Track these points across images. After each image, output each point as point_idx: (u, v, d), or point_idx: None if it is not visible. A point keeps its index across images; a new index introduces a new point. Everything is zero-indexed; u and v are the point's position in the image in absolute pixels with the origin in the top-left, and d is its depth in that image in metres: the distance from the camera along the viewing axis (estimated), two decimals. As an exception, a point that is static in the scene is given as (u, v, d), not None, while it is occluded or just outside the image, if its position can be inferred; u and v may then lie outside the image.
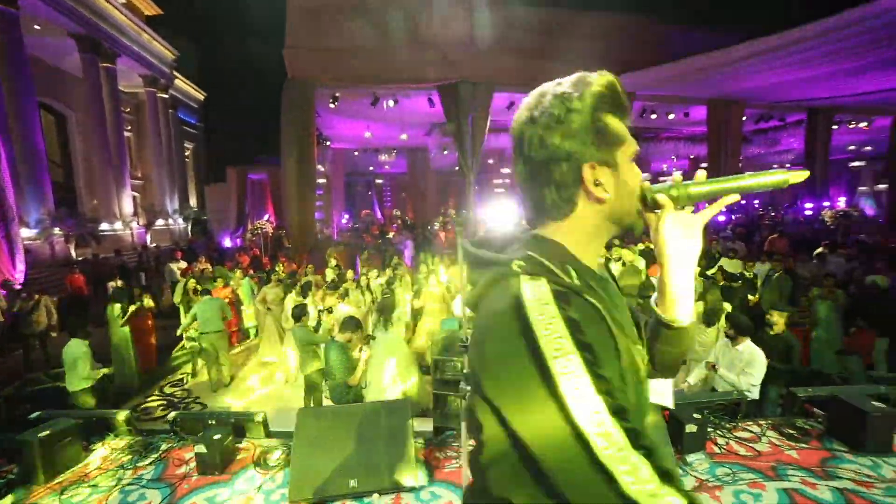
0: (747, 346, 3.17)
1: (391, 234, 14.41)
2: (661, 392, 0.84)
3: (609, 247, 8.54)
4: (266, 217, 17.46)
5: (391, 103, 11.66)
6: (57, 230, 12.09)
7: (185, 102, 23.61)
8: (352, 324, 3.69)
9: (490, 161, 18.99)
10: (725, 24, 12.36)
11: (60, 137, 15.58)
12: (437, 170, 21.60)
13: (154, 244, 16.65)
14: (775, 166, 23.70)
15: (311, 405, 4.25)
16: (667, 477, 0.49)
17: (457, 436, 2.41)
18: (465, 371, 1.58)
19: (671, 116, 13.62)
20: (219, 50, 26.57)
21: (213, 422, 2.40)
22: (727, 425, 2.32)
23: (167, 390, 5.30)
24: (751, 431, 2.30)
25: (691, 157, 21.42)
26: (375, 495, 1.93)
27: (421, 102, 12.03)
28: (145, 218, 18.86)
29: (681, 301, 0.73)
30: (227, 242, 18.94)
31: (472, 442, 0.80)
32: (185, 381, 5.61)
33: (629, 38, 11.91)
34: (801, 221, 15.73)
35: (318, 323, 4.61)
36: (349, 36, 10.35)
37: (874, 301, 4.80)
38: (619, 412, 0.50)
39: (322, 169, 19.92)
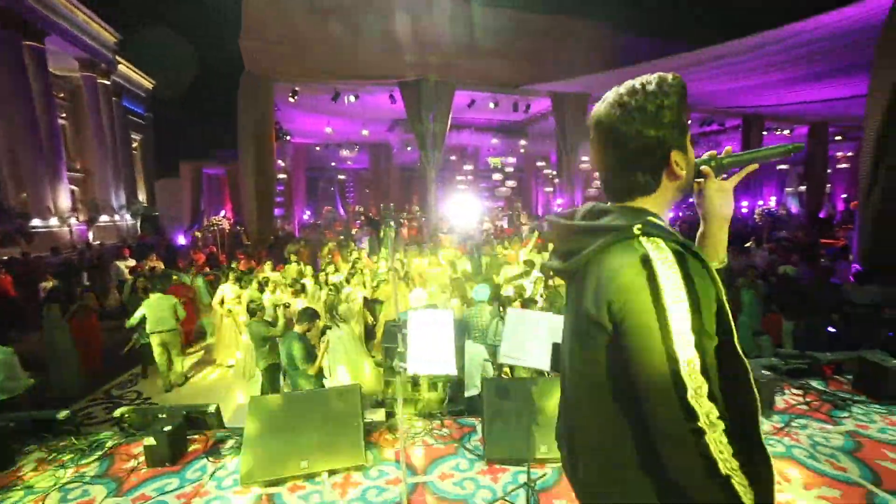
0: None
1: (354, 231, 14.32)
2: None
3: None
4: (222, 213, 16.78)
5: (352, 99, 11.58)
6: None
7: (131, 91, 22.18)
8: (308, 314, 3.83)
9: (452, 158, 19.20)
10: (675, 34, 13.22)
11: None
12: (401, 166, 21.59)
13: (98, 241, 15.61)
14: (718, 167, 25.47)
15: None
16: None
17: (401, 419, 2.57)
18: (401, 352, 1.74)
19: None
20: (170, 36, 25.06)
21: (164, 415, 2.43)
22: None
23: (114, 392, 5.10)
24: None
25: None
26: (325, 474, 2.05)
27: (382, 99, 12.02)
28: (87, 214, 17.63)
29: (721, 247, 0.97)
30: (182, 240, 18.05)
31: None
32: (135, 382, 5.42)
33: (586, 42, 12.46)
34: (738, 219, 17.09)
35: (275, 319, 4.62)
36: (309, 29, 10.20)
37: (784, 289, 5.42)
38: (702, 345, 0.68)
39: (282, 164, 19.39)
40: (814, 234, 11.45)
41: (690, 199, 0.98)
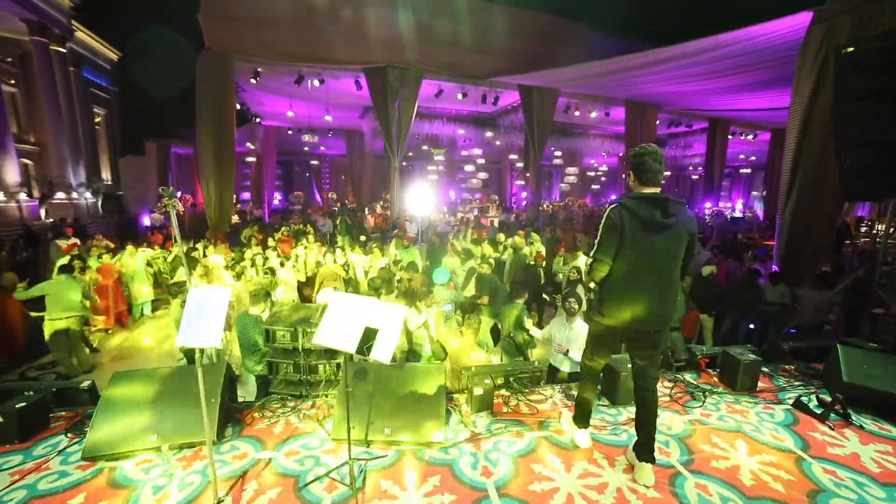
0: (580, 323, 3.65)
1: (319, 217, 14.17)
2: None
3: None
4: (179, 194, 16.27)
5: (317, 83, 11.34)
6: None
7: (92, 61, 21.14)
8: (262, 296, 4.16)
9: (425, 147, 19.10)
10: (644, 34, 13.37)
11: None
12: (376, 153, 21.38)
13: (50, 220, 14.99)
14: (690, 168, 26.12)
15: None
16: None
17: (282, 400, 2.60)
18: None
19: (593, 114, 14.52)
20: (138, 4, 23.93)
21: (31, 392, 2.39)
22: (525, 390, 2.72)
23: (30, 374, 4.96)
24: (543, 395, 2.71)
25: (620, 154, 23.00)
26: (165, 447, 2.07)
27: (348, 84, 11.82)
28: (39, 190, 16.87)
29: None
30: (147, 220, 17.52)
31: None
32: (57, 364, 5.28)
33: (556, 37, 12.50)
34: (699, 220, 17.66)
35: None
36: (270, 6, 9.91)
37: (703, 288, 5.66)
38: None
39: (252, 147, 18.94)
40: (768, 236, 11.91)
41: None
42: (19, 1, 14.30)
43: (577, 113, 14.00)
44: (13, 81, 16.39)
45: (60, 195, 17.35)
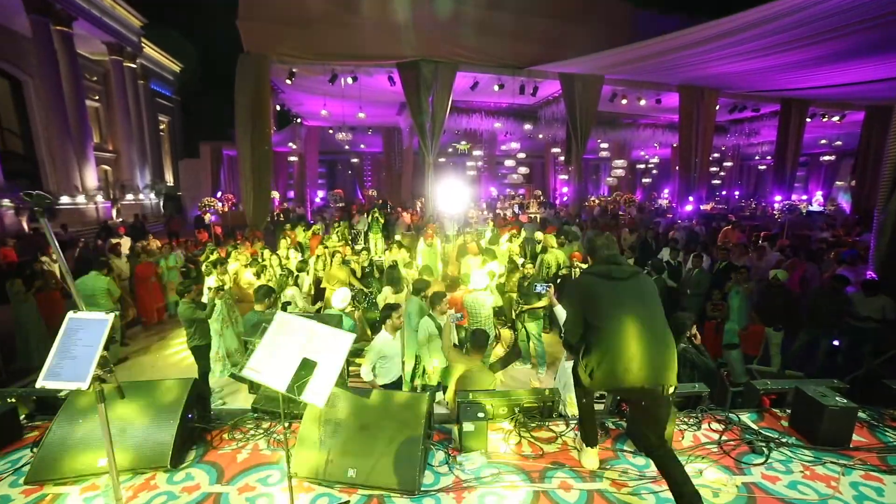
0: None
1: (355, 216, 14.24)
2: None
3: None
4: (219, 193, 17.11)
5: (349, 81, 11.31)
6: (6, 202, 11.81)
7: (158, 73, 22.89)
8: (262, 292, 3.92)
9: (458, 144, 18.66)
10: (702, 9, 12.00)
11: (18, 104, 15.02)
12: (417, 150, 21.26)
13: (120, 219, 16.36)
14: (756, 157, 23.54)
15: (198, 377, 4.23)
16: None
17: (257, 419, 2.35)
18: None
19: (642, 102, 13.36)
20: (196, 20, 25.56)
21: (12, 399, 2.33)
22: (532, 424, 2.27)
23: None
24: (553, 431, 2.24)
25: (674, 145, 21.17)
26: (107, 476, 1.87)
27: (382, 80, 11.69)
28: (118, 192, 18.50)
29: None
30: (209, 217, 18.68)
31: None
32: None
33: (599, 18, 11.57)
34: (757, 216, 15.75)
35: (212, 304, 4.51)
36: (305, 8, 9.97)
37: (772, 296, 4.79)
38: None
39: (294, 147, 19.55)
40: (857, 233, 10.23)
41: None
42: (100, 25, 15.76)
43: (624, 101, 12.93)
44: (97, 97, 18.09)
45: (129, 197, 18.95)
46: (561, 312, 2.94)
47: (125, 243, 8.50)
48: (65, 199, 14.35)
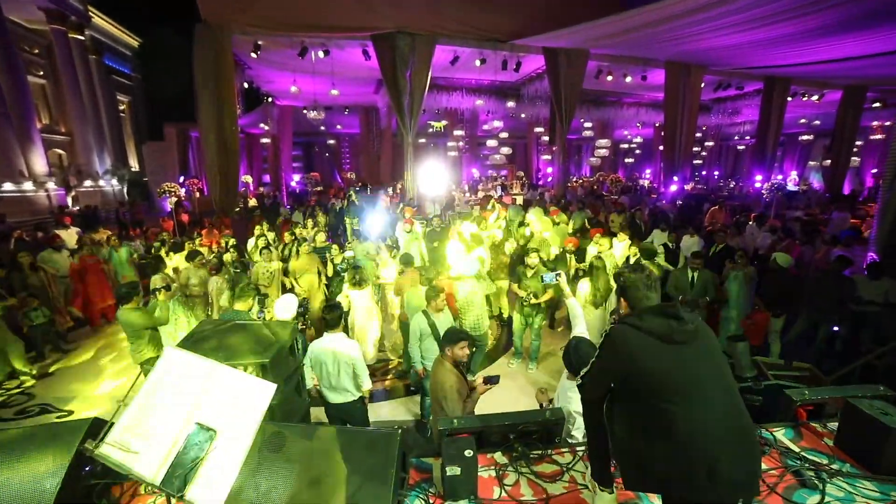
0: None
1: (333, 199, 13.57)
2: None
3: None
4: (182, 178, 16.08)
5: (321, 55, 10.48)
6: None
7: (113, 48, 21.13)
8: (250, 293, 3.60)
9: (445, 123, 18.00)
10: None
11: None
12: (396, 130, 20.44)
13: (77, 207, 15.18)
14: (736, 137, 23.65)
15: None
16: None
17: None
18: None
19: (628, 79, 12.95)
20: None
21: None
22: (534, 454, 1.85)
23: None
24: (559, 464, 1.85)
25: (656, 124, 20.98)
26: None
27: (356, 55, 10.90)
28: (74, 179, 17.15)
29: None
30: (173, 205, 17.59)
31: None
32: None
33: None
34: (745, 195, 15.82)
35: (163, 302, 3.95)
36: (267, -29, 9.06)
37: (775, 279, 4.54)
38: None
39: (266, 128, 18.50)
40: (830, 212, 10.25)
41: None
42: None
43: (609, 78, 12.50)
44: (41, 73, 16.49)
45: (88, 183, 17.62)
46: (575, 307, 2.55)
47: (69, 235, 7.63)
48: (7, 186, 13.13)
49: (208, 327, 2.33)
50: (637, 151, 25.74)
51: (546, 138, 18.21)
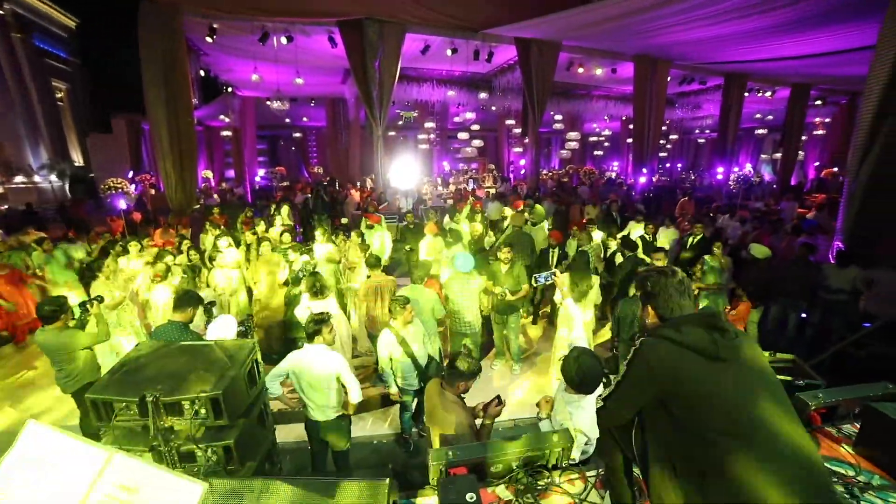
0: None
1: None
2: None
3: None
4: (130, 174, 14.99)
5: (284, 41, 9.86)
6: None
7: (44, 27, 19.13)
8: (187, 298, 3.13)
9: (415, 114, 17.62)
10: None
11: None
12: (364, 123, 19.78)
13: (5, 206, 13.75)
14: (697, 130, 24.58)
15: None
16: None
17: None
18: None
19: (598, 72, 13.05)
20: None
21: None
22: (541, 483, 1.63)
23: None
24: (570, 496, 1.61)
25: (623, 117, 21.40)
26: None
27: (322, 42, 10.34)
28: (2, 175, 15.52)
29: None
30: (123, 204, 16.25)
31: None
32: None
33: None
34: (710, 186, 16.44)
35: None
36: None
37: (755, 270, 4.61)
38: None
39: (227, 120, 17.45)
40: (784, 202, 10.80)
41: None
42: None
43: (580, 70, 12.53)
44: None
45: (19, 179, 16.03)
46: (570, 307, 2.35)
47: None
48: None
49: (145, 351, 1.96)
50: (606, 144, 26.24)
51: (518, 131, 18.19)
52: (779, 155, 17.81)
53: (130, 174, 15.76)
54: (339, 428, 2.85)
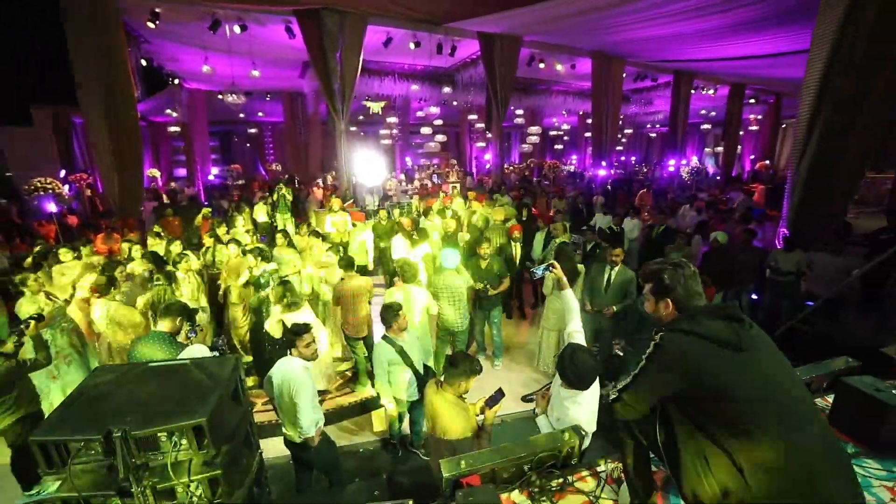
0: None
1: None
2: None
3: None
4: (62, 173, 13.72)
5: (237, 30, 9.26)
6: None
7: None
8: (175, 309, 2.95)
9: (383, 104, 17.19)
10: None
11: None
12: (323, 118, 19.11)
13: None
14: (649, 125, 25.83)
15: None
16: None
17: None
18: None
19: (559, 67, 13.32)
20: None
21: None
22: (553, 484, 1.60)
23: None
24: (584, 493, 1.60)
25: (581, 112, 22.06)
26: None
27: (279, 32, 9.82)
28: None
29: None
30: (53, 206, 14.72)
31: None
32: None
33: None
34: (662, 177, 17.34)
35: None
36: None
37: (716, 256, 4.92)
38: None
39: (175, 115, 16.23)
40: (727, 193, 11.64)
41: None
42: None
43: (542, 65, 12.74)
44: None
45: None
46: (571, 299, 2.34)
47: None
48: None
49: (107, 377, 1.72)
50: (565, 138, 26.95)
51: (481, 125, 18.28)
52: (720, 149, 19.15)
53: (63, 173, 14.30)
54: (314, 449, 2.59)
